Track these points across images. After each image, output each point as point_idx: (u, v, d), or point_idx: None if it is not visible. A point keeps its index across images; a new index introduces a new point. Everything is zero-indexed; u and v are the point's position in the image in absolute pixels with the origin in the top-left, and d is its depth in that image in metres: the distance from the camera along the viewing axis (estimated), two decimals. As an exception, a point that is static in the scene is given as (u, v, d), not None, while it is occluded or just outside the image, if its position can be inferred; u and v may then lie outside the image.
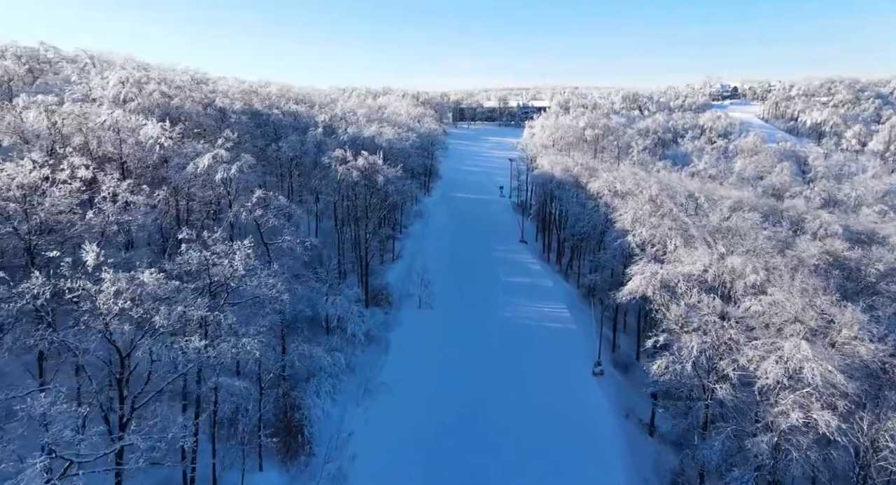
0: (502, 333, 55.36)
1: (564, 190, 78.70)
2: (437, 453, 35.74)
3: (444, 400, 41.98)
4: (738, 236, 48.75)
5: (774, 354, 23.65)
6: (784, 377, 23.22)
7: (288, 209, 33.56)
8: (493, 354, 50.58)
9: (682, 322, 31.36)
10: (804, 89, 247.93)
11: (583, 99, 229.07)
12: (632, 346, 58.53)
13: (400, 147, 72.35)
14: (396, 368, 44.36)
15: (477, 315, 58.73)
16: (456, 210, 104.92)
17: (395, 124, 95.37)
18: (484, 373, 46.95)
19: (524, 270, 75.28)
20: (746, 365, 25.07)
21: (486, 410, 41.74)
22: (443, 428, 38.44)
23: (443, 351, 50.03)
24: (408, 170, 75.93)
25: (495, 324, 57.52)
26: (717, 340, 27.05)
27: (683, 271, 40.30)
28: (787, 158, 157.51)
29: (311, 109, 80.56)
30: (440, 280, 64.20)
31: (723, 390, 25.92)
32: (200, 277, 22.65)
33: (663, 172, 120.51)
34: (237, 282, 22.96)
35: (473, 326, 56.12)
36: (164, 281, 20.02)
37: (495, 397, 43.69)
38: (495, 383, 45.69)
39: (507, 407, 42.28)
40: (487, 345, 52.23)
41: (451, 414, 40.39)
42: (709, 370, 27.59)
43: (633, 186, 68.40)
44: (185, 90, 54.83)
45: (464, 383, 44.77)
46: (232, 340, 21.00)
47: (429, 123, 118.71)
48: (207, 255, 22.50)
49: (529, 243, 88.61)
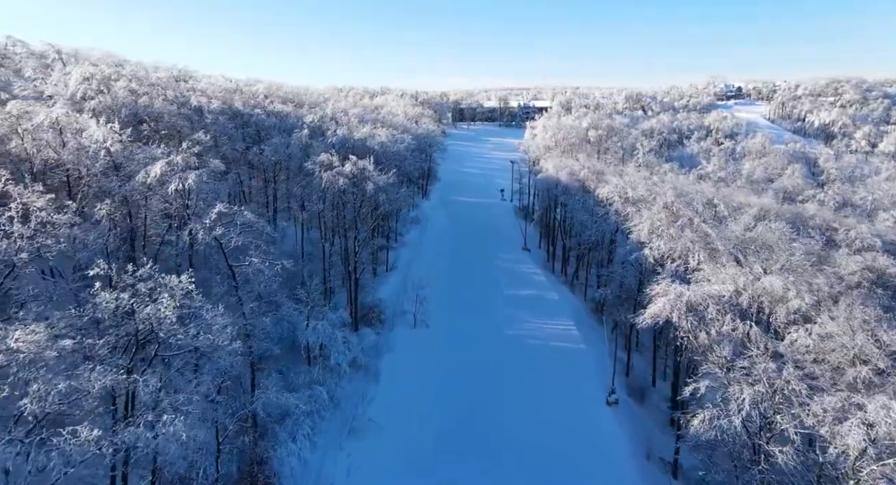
0: (505, 354, 50.42)
1: (570, 195, 73.74)
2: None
3: (440, 437, 36.98)
4: (768, 250, 43.74)
5: (854, 416, 18.83)
6: (868, 444, 18.41)
7: (256, 226, 28.55)
8: (495, 381, 45.65)
9: (726, 363, 26.35)
10: (810, 89, 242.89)
11: (585, 99, 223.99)
12: (647, 367, 53.56)
13: (394, 150, 67.20)
14: (387, 401, 39.32)
15: (477, 334, 53.76)
16: (455, 215, 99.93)
17: (390, 125, 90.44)
18: (485, 403, 41.98)
19: (528, 281, 70.30)
20: (814, 424, 20.20)
21: (488, 445, 36.83)
22: (440, 469, 33.47)
23: (439, 378, 45.06)
24: (403, 174, 70.77)
25: (497, 344, 52.58)
26: (772, 388, 22.18)
27: (712, 292, 35.35)
28: (797, 159, 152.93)
29: (299, 109, 75.42)
30: (438, 293, 59.25)
31: (784, 455, 21.02)
32: (120, 326, 17.64)
33: (670, 174, 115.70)
34: (166, 332, 17.88)
35: (473, 347, 51.17)
36: (49, 342, 14.75)
37: (498, 431, 38.74)
38: (497, 414, 40.75)
39: (512, 442, 37.35)
40: (489, 369, 47.30)
41: (450, 451, 35.44)
42: (761, 427, 22.72)
43: (645, 193, 63.46)
44: (157, 88, 49.74)
45: (463, 416, 39.78)
46: (150, 415, 15.84)
47: (427, 124, 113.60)
48: (126, 297, 17.42)
49: (533, 251, 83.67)
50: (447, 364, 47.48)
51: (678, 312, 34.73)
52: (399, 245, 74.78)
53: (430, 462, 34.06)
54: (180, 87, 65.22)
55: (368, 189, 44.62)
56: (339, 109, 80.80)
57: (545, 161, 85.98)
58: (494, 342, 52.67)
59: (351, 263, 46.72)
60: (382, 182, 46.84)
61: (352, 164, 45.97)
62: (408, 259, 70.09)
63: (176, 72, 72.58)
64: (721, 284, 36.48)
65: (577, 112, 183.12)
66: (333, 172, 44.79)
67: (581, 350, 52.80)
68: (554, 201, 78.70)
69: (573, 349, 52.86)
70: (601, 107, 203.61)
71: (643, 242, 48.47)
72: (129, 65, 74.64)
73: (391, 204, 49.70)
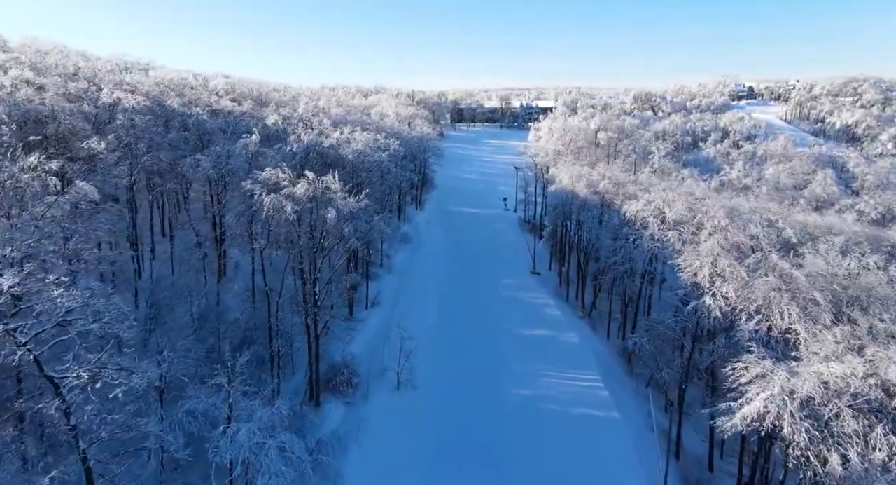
0: (515, 427, 38.52)
1: (589, 211, 61.68)
2: None
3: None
4: (880, 303, 31.55)
5: None
6: None
7: (96, 305, 16.73)
8: (503, 470, 33.77)
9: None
10: (827, 89, 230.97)
11: (591, 99, 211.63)
12: (699, 438, 41.10)
13: (374, 160, 54.50)
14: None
15: (479, 397, 41.81)
16: (453, 230, 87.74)
17: (378, 129, 78.24)
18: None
19: (539, 316, 58.26)
20: None
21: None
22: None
23: (430, 467, 33.18)
24: (384, 192, 57.93)
25: (505, 411, 40.70)
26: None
27: (832, 377, 23.30)
28: (824, 164, 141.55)
29: (263, 108, 62.88)
30: (429, 339, 47.28)
31: None
32: None
33: (689, 181, 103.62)
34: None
35: (474, 416, 39.32)
36: None
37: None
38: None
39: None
40: (495, 452, 35.48)
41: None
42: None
43: (685, 212, 51.44)
44: (57, 78, 37.64)
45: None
46: None
47: (421, 126, 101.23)
48: None
49: (543, 274, 71.61)
50: (440, 443, 35.56)
51: (789, 416, 22.61)
52: (385, 270, 62.59)
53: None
54: (122, 78, 53.10)
55: (329, 218, 32.26)
56: (314, 109, 67.81)
57: (556, 169, 73.92)
58: (501, 409, 40.78)
59: (310, 314, 34.56)
60: (352, 208, 34.43)
61: (308, 182, 33.54)
62: (394, 290, 57.92)
63: (119, 63, 60.54)
64: (838, 363, 24.37)
65: (585, 113, 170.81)
66: (281, 195, 32.59)
67: (614, 420, 40.69)
68: (568, 218, 66.66)
69: (603, 419, 40.74)
70: (609, 107, 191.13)
71: (699, 283, 36.40)
72: (73, 56, 62.95)
73: (363, 236, 37.44)
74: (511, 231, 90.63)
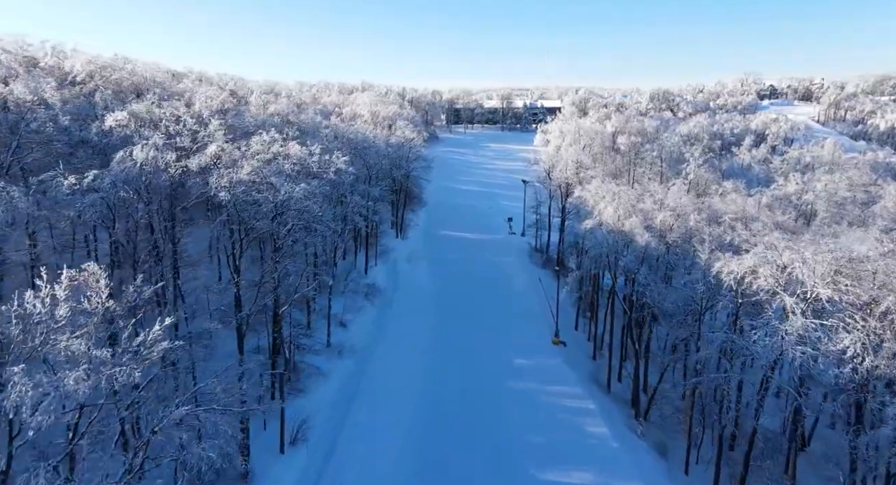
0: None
1: (649, 262, 39.71)
2: None
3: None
4: None
5: None
6: None
7: None
8: None
9: None
10: (861, 87, 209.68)
11: (602, 98, 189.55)
12: None
13: (293, 200, 29.17)
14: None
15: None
16: (444, 268, 65.72)
17: (336, 135, 56.25)
18: None
19: (575, 430, 36.53)
20: None
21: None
22: None
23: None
24: (320, 240, 33.44)
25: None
26: None
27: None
28: (885, 172, 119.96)
29: (137, 100, 39.80)
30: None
31: None
32: None
33: (733, 194, 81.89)
34: None
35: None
36: None
37: None
38: None
39: None
40: None
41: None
42: None
43: (831, 278, 29.52)
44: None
45: None
46: None
47: (402, 129, 78.88)
48: None
49: (570, 342, 49.84)
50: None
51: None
52: (331, 355, 40.40)
53: None
54: None
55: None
56: (210, 107, 43.97)
57: (587, 192, 51.89)
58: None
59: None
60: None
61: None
62: (338, 402, 35.76)
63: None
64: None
65: (598, 113, 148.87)
66: None
67: None
68: (610, 265, 44.75)
69: None
70: (624, 107, 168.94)
71: None
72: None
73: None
74: (521, 268, 68.56)
